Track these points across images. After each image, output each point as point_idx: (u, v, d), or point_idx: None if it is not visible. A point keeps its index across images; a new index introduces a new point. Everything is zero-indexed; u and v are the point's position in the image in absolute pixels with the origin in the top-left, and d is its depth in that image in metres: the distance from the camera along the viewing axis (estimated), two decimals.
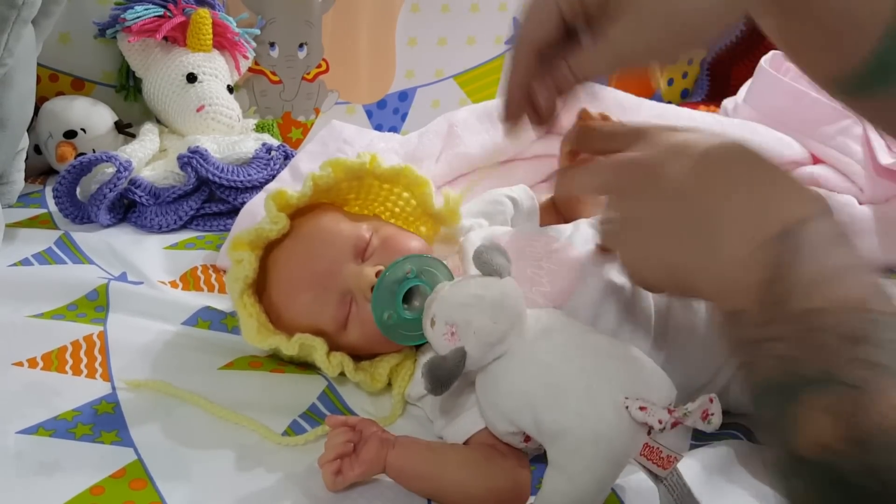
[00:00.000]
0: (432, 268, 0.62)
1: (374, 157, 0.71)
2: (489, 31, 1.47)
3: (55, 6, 0.97)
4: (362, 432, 0.56)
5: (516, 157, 1.05)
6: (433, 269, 0.62)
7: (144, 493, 0.53)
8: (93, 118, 1.09)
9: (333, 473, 0.54)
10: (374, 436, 0.56)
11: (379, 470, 0.56)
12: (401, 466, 0.56)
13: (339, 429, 0.56)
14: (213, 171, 0.99)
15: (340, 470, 0.54)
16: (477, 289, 0.54)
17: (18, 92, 0.94)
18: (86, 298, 0.77)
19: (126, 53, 1.14)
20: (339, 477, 0.54)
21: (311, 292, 0.66)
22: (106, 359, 0.68)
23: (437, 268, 0.62)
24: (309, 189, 0.68)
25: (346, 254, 0.66)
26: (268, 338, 0.66)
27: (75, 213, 0.97)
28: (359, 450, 0.55)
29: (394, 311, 0.61)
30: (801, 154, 1.10)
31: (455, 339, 0.53)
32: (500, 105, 0.52)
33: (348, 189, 0.73)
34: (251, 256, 0.66)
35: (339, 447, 0.55)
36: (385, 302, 0.61)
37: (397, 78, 1.43)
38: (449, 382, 0.53)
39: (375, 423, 0.58)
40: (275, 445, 0.59)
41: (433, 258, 0.63)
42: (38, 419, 0.60)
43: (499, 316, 0.53)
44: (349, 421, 0.57)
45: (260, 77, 1.29)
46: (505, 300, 0.54)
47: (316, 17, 1.29)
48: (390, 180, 0.73)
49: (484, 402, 0.56)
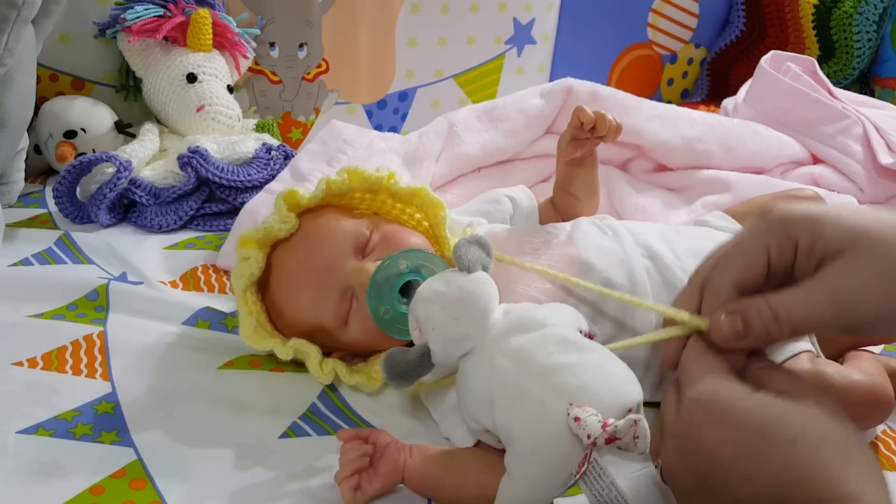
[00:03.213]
0: (429, 262, 0.61)
1: (392, 174, 0.70)
2: (489, 31, 1.47)
3: (55, 6, 0.97)
4: (376, 444, 0.55)
5: (516, 158, 1.05)
6: (430, 263, 0.61)
7: (144, 493, 0.53)
8: (93, 118, 1.09)
9: (352, 490, 0.52)
10: (390, 446, 0.55)
11: (398, 481, 0.54)
12: (421, 475, 0.54)
13: (353, 442, 0.55)
14: (213, 171, 0.99)
15: (359, 485, 0.53)
16: (440, 285, 0.53)
17: (18, 92, 0.94)
18: (86, 298, 0.77)
19: (126, 53, 1.14)
20: (358, 493, 0.52)
21: (312, 289, 0.66)
22: (106, 359, 0.68)
23: (435, 263, 0.62)
24: (321, 192, 0.68)
25: (347, 250, 0.66)
26: (263, 339, 0.66)
27: (75, 213, 0.97)
28: (375, 463, 0.54)
29: (390, 305, 0.60)
30: (801, 154, 1.10)
31: (422, 336, 0.53)
32: None
33: (360, 199, 0.73)
34: (258, 254, 0.66)
35: (354, 462, 0.53)
36: (380, 297, 0.61)
37: (397, 78, 1.43)
38: (408, 376, 0.52)
39: (387, 433, 0.57)
40: (274, 445, 0.59)
41: (429, 253, 0.63)
42: (38, 419, 0.60)
43: (459, 313, 0.52)
44: (361, 433, 0.56)
45: (260, 77, 1.29)
46: (465, 297, 0.52)
47: (316, 17, 1.29)
48: (404, 200, 0.72)
49: (458, 400, 0.55)
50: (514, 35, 1.50)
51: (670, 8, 1.67)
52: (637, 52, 1.68)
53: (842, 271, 0.42)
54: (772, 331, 0.43)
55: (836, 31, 1.61)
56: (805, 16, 1.64)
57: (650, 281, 0.65)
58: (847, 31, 1.60)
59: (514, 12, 1.48)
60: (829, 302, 0.42)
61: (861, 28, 1.58)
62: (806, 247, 0.43)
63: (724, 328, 0.44)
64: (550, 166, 0.97)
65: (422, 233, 0.72)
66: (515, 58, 1.52)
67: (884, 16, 1.58)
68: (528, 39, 1.52)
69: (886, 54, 1.61)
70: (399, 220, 0.74)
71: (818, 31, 1.63)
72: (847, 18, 1.59)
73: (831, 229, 0.43)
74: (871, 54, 1.62)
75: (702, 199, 0.98)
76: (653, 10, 1.66)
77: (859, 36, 1.59)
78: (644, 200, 0.99)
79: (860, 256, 0.42)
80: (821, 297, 0.42)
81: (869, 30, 1.58)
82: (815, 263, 0.43)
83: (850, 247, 0.42)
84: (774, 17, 1.69)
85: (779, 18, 1.68)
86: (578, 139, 0.75)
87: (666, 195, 1.01)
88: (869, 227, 0.42)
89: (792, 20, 1.66)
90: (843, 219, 0.43)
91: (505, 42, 1.49)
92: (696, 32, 1.73)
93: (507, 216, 0.78)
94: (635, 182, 1.04)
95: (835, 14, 1.61)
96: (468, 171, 1.03)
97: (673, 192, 1.03)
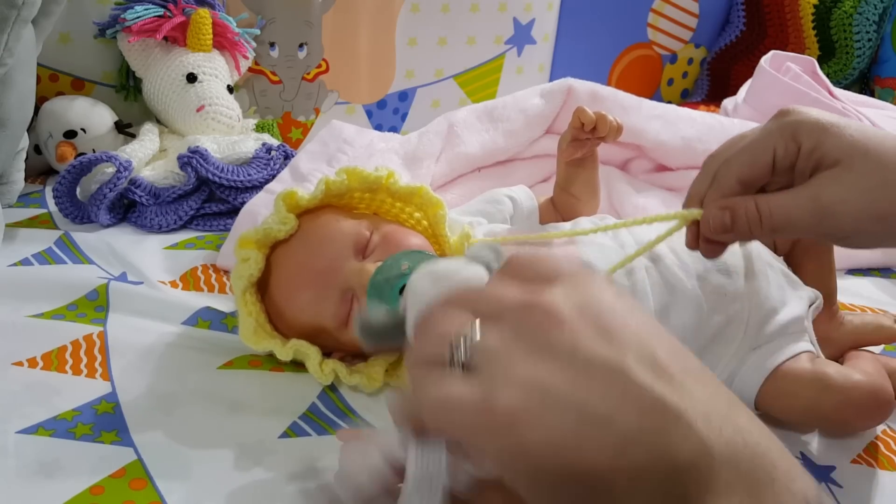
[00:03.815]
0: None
1: (391, 173, 0.70)
2: (489, 31, 1.47)
3: (55, 6, 0.98)
4: None
5: (516, 158, 1.05)
6: None
7: (144, 493, 0.53)
8: (93, 118, 1.09)
9: None
10: None
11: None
12: None
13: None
14: (213, 171, 0.99)
15: None
16: (437, 264, 0.51)
17: (18, 92, 0.94)
18: (86, 298, 0.77)
19: (126, 53, 1.14)
20: None
21: (313, 290, 0.66)
22: (106, 359, 0.68)
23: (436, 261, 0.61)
24: (320, 192, 0.68)
25: (347, 251, 0.66)
26: (263, 340, 0.66)
27: (75, 213, 0.97)
28: None
29: (389, 305, 0.60)
30: None
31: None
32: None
33: (359, 199, 0.73)
34: (258, 255, 0.66)
35: None
36: (380, 296, 0.60)
37: (397, 78, 1.43)
38: (377, 335, 0.50)
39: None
40: (274, 445, 0.59)
41: (431, 255, 0.63)
42: (38, 419, 0.60)
43: (441, 283, 0.49)
44: (361, 434, 0.56)
45: (260, 77, 1.29)
46: (452, 273, 0.50)
47: (316, 17, 1.29)
48: (403, 199, 0.73)
49: None
50: (514, 35, 1.50)
51: (670, 8, 1.67)
52: (637, 52, 1.68)
53: (830, 181, 0.44)
54: (753, 228, 0.47)
55: (836, 31, 1.61)
56: (805, 16, 1.64)
57: (650, 281, 0.66)
58: (847, 31, 1.60)
59: (514, 12, 1.48)
60: (810, 207, 0.45)
61: (861, 28, 1.58)
62: (806, 152, 0.45)
63: (714, 221, 0.48)
64: (550, 166, 0.97)
65: (421, 232, 0.72)
66: (515, 58, 1.52)
67: (884, 16, 1.58)
68: (528, 39, 1.52)
69: (886, 54, 1.61)
70: (399, 219, 0.74)
71: (818, 31, 1.63)
72: (847, 18, 1.59)
73: (832, 140, 0.45)
74: (871, 54, 1.62)
75: None
76: (653, 10, 1.66)
77: (859, 36, 1.59)
78: (644, 200, 0.99)
79: (852, 170, 0.44)
80: (804, 202, 0.45)
81: (869, 30, 1.58)
82: (811, 170, 0.45)
83: (845, 160, 0.44)
84: (774, 17, 1.69)
85: (779, 18, 1.68)
86: (579, 140, 0.76)
87: (666, 195, 1.01)
88: (868, 144, 0.44)
89: (792, 20, 1.66)
90: (846, 132, 0.45)
91: (505, 42, 1.49)
92: (696, 32, 1.73)
93: (508, 216, 0.78)
94: (635, 182, 1.04)
95: (835, 14, 1.61)
96: (468, 171, 1.03)
97: (673, 192, 1.03)
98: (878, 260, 0.99)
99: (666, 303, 0.65)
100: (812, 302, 0.69)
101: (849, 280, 0.95)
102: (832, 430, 0.65)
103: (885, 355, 0.73)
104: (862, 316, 0.77)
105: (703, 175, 0.51)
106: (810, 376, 0.62)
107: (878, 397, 0.61)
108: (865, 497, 0.59)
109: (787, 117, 0.47)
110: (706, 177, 0.50)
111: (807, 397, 0.62)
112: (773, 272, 0.69)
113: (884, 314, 0.78)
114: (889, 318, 0.76)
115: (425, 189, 0.71)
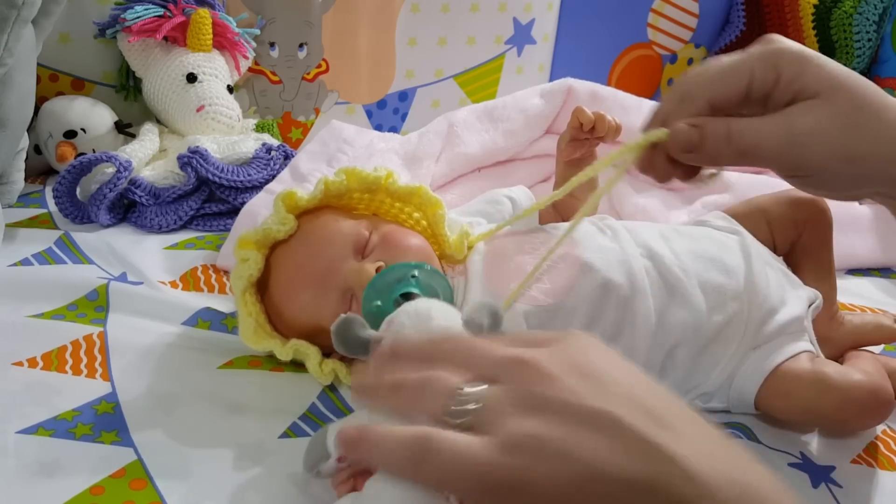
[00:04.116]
0: (435, 285, 0.61)
1: (390, 173, 0.70)
2: (489, 31, 1.47)
3: (55, 6, 0.98)
4: None
5: (516, 158, 1.05)
6: (436, 286, 0.61)
7: (144, 493, 0.53)
8: (93, 118, 1.09)
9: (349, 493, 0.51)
10: None
11: None
12: None
13: None
14: (213, 171, 0.99)
15: (354, 488, 0.52)
16: (432, 311, 0.52)
17: (18, 92, 0.94)
18: (86, 298, 0.77)
19: (126, 53, 1.14)
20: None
21: (312, 290, 0.66)
22: (106, 359, 0.68)
23: (441, 287, 0.61)
24: (320, 193, 0.68)
25: (346, 251, 0.66)
26: (263, 340, 0.66)
27: (75, 213, 0.97)
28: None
29: (383, 300, 0.60)
30: None
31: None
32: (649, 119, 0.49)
33: (359, 200, 0.73)
34: (257, 256, 0.66)
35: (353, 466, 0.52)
36: (379, 293, 0.60)
37: (397, 78, 1.43)
38: (347, 345, 0.52)
39: None
40: (274, 445, 0.59)
41: (441, 276, 0.63)
42: (38, 419, 0.59)
43: (420, 328, 0.51)
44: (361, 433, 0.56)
45: (260, 77, 1.29)
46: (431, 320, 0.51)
47: (316, 17, 1.29)
48: (403, 199, 0.72)
49: None
50: (514, 35, 1.50)
51: (670, 8, 1.67)
52: (637, 52, 1.68)
53: (807, 111, 0.43)
54: (721, 149, 0.45)
55: (836, 31, 1.61)
56: (805, 16, 1.64)
57: (650, 281, 0.66)
58: (847, 31, 1.60)
59: (514, 12, 1.48)
60: (783, 134, 0.44)
61: (861, 28, 1.58)
62: (787, 81, 0.44)
63: (681, 137, 0.46)
64: (550, 166, 0.97)
65: (420, 232, 0.72)
66: (515, 58, 1.52)
67: (884, 16, 1.58)
68: (528, 39, 1.52)
69: (886, 54, 1.61)
70: (398, 219, 0.74)
71: (818, 31, 1.63)
72: (847, 18, 1.59)
73: (815, 71, 0.44)
74: (871, 54, 1.62)
75: (701, 199, 0.98)
76: (653, 10, 1.66)
77: (859, 36, 1.59)
78: (644, 200, 0.99)
79: (832, 104, 0.43)
80: (777, 129, 0.44)
81: (869, 30, 1.58)
82: (789, 100, 0.44)
83: (826, 92, 0.43)
84: (774, 17, 1.68)
85: (779, 18, 1.68)
86: (578, 139, 0.76)
87: (666, 195, 1.02)
88: (849, 82, 0.43)
89: (792, 20, 1.66)
90: (828, 65, 0.44)
91: (505, 42, 1.49)
92: (696, 32, 1.72)
93: (507, 216, 0.78)
94: (635, 182, 1.04)
95: (835, 14, 1.60)
96: (468, 171, 1.03)
97: (673, 192, 1.03)
98: (878, 260, 0.99)
99: (665, 303, 0.65)
100: (812, 302, 0.69)
101: (849, 280, 0.95)
102: (832, 429, 0.65)
103: (885, 355, 0.73)
104: (862, 316, 0.77)
105: (671, 95, 0.48)
106: (810, 376, 0.62)
107: (878, 397, 0.61)
108: (865, 497, 0.59)
109: (770, 45, 0.46)
110: (674, 97, 0.48)
111: (806, 397, 0.62)
112: (773, 272, 0.69)
113: (883, 314, 0.78)
114: (889, 318, 0.76)
115: (424, 189, 0.71)
